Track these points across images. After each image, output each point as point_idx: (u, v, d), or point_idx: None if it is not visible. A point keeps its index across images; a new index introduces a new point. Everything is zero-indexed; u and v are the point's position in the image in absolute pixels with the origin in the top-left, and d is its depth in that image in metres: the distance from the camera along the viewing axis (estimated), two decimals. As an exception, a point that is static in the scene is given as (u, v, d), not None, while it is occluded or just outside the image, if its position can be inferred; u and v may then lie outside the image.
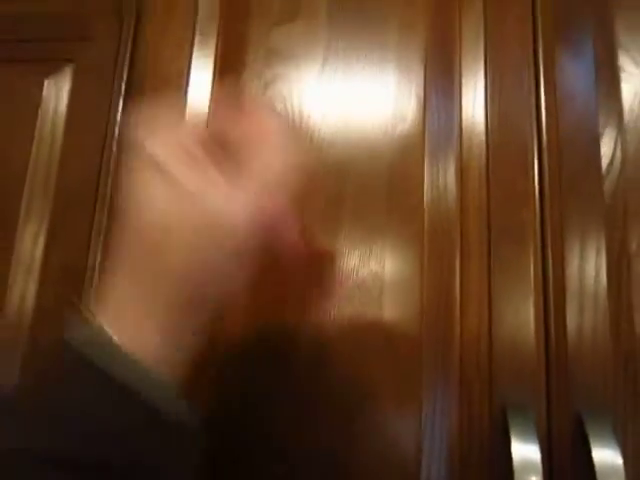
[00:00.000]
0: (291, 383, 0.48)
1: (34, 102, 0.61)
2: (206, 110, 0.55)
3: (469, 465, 0.44)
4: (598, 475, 0.39)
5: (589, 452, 0.40)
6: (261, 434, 0.47)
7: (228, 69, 0.56)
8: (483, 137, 0.50)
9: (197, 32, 0.57)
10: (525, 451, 0.40)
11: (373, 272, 0.49)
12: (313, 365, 0.48)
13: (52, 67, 0.63)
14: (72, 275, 0.57)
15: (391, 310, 0.48)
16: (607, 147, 0.49)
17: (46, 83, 0.62)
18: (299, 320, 0.49)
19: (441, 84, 0.53)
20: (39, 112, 0.61)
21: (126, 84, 0.61)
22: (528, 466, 0.40)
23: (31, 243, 0.59)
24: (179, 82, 0.56)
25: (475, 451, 0.45)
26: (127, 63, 0.61)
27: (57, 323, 0.53)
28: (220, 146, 0.33)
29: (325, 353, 0.48)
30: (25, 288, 0.58)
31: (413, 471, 0.45)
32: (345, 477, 0.45)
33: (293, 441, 0.47)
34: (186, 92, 0.55)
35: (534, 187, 0.49)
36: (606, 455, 0.40)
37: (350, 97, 0.54)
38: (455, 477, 0.44)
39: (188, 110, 0.55)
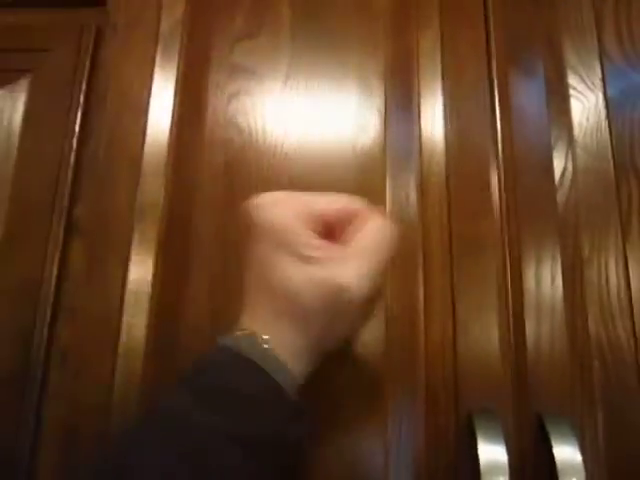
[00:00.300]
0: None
1: (-13, 112, 0.60)
2: (168, 126, 0.54)
3: (437, 473, 0.45)
4: (559, 472, 0.41)
5: (550, 451, 0.42)
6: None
7: (191, 84, 0.56)
8: (442, 153, 0.52)
9: (159, 47, 0.57)
10: (492, 453, 0.41)
11: None
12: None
13: (7, 77, 0.62)
14: (28, 288, 0.55)
15: None
16: (559, 161, 0.51)
17: (0, 93, 0.60)
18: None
19: (401, 101, 0.54)
20: (-8, 123, 0.60)
21: (85, 97, 0.60)
22: (495, 467, 0.41)
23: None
24: (140, 97, 0.55)
25: (442, 459, 0.45)
26: (87, 76, 0.61)
27: (14, 337, 0.52)
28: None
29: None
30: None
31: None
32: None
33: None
34: (147, 107, 0.55)
35: (492, 200, 0.51)
36: (566, 452, 0.42)
37: (312, 112, 0.55)
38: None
39: (149, 125, 0.54)
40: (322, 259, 0.36)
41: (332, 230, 0.39)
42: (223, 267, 0.51)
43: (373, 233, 0.38)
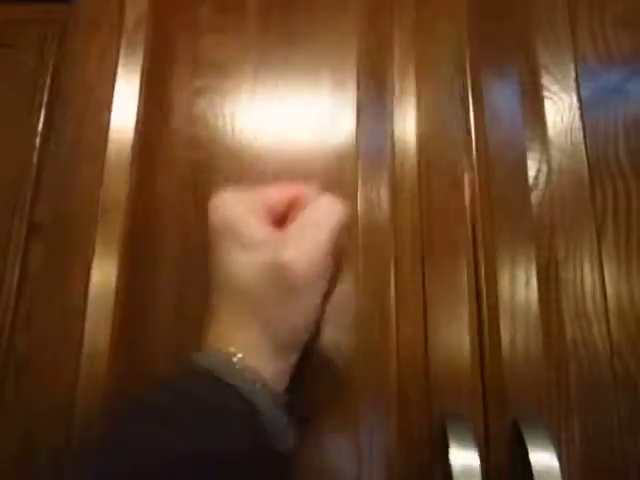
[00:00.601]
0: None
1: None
2: (132, 123, 0.53)
3: (409, 476, 0.43)
4: (535, 477, 0.39)
5: (526, 456, 0.41)
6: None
7: (155, 80, 0.54)
8: (415, 152, 0.51)
9: (123, 42, 0.55)
10: (464, 458, 0.40)
11: None
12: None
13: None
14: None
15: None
16: (533, 161, 0.50)
17: (-41, 92, 0.58)
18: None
19: (374, 98, 0.53)
20: (-48, 120, 0.57)
21: (49, 94, 0.58)
22: (468, 472, 0.39)
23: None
24: (104, 93, 0.53)
25: (415, 466, 0.44)
26: (50, 72, 0.59)
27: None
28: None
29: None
30: None
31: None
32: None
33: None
34: (111, 104, 0.53)
35: (465, 200, 0.50)
36: (543, 457, 0.40)
37: (283, 107, 0.54)
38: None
39: (113, 122, 0.52)
40: (264, 242, 0.37)
41: (282, 219, 0.40)
42: (189, 268, 0.49)
43: (313, 210, 0.38)
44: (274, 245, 0.36)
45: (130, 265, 0.49)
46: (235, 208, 0.38)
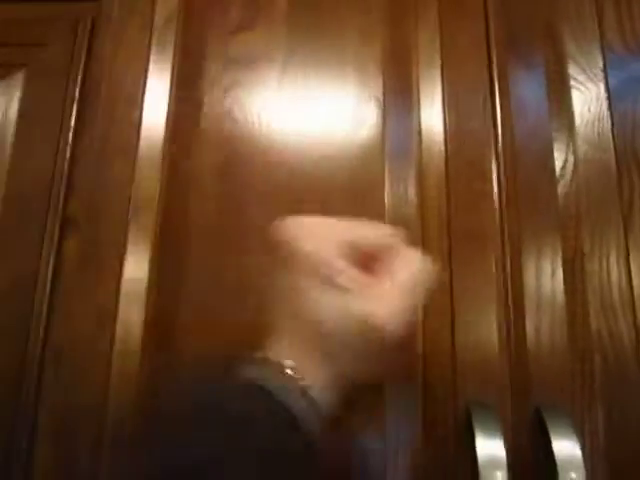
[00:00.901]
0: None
1: (-17, 107, 0.59)
2: (163, 120, 0.54)
3: (435, 468, 0.44)
4: (559, 466, 0.40)
5: (549, 445, 0.41)
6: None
7: (185, 77, 0.55)
8: (442, 144, 0.52)
9: (154, 40, 0.57)
10: (490, 448, 0.41)
11: None
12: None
13: (2, 72, 0.61)
14: (24, 285, 0.55)
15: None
16: (560, 152, 0.50)
17: (-4, 88, 0.60)
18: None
19: (400, 92, 0.54)
20: (-12, 118, 0.59)
21: (80, 91, 0.60)
22: (493, 462, 0.40)
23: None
24: (135, 90, 0.55)
25: (440, 454, 0.45)
26: (82, 69, 0.60)
27: (10, 334, 0.52)
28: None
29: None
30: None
31: (378, 474, 0.45)
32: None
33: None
34: (142, 100, 0.54)
35: (492, 192, 0.50)
36: (566, 447, 0.41)
37: (310, 104, 0.55)
38: (420, 475, 0.44)
39: (144, 118, 0.54)
40: (357, 291, 0.35)
41: (366, 261, 0.38)
42: (220, 264, 0.50)
43: (409, 269, 0.37)
44: (366, 296, 0.35)
45: (162, 262, 0.51)
46: (317, 240, 0.37)
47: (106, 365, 0.48)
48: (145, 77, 0.55)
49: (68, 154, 0.58)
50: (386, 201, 0.50)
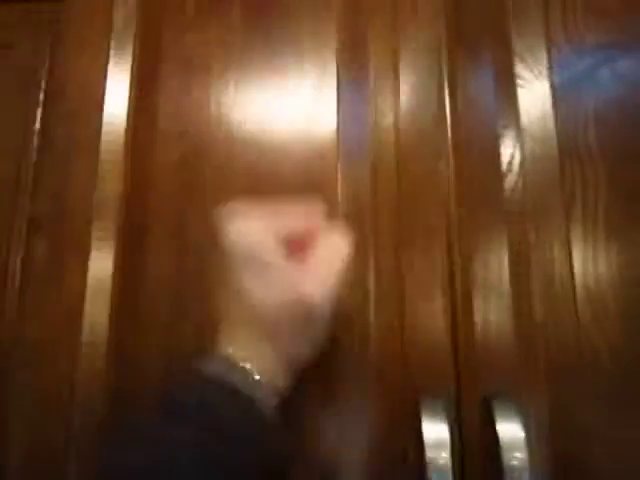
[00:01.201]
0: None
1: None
2: (124, 119, 0.55)
3: (387, 452, 0.47)
4: (502, 447, 0.42)
5: (495, 429, 0.44)
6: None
7: (145, 77, 0.57)
8: (393, 138, 0.53)
9: (113, 41, 0.58)
10: (436, 432, 0.43)
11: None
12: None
13: (-34, 76, 0.62)
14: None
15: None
16: (507, 148, 0.52)
17: (-38, 91, 0.61)
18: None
19: (354, 90, 0.55)
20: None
21: (45, 92, 0.61)
22: (438, 444, 0.43)
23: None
24: (96, 91, 0.56)
25: (393, 438, 0.47)
26: (46, 71, 0.61)
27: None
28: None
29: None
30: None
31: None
32: None
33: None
34: (103, 102, 0.56)
35: (441, 186, 0.52)
36: (510, 429, 0.43)
37: (266, 101, 0.56)
38: (374, 458, 0.47)
39: (105, 119, 0.55)
40: (285, 273, 0.39)
41: (295, 243, 0.41)
42: (180, 260, 0.52)
43: (327, 246, 0.41)
44: (295, 276, 0.39)
45: (125, 258, 0.52)
46: (255, 235, 0.40)
47: (74, 359, 0.50)
48: (105, 78, 0.56)
49: (34, 156, 0.59)
50: (340, 196, 0.52)
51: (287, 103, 0.56)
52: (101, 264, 0.52)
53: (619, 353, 0.47)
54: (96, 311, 0.51)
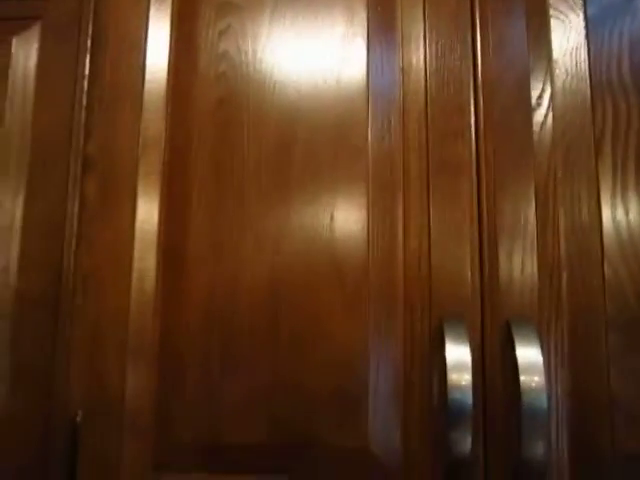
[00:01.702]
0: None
1: (4, 60, 0.64)
2: (165, 63, 0.58)
3: (412, 372, 0.50)
4: (520, 370, 0.45)
5: (515, 352, 0.46)
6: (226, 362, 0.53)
7: (184, 22, 0.59)
8: (422, 80, 0.55)
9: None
10: (457, 354, 0.46)
11: (324, 203, 0.54)
12: (268, 295, 0.53)
13: (21, 25, 0.66)
14: (53, 223, 0.61)
15: (341, 238, 0.53)
16: (537, 82, 0.52)
17: (14, 41, 0.65)
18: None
19: (383, 30, 0.56)
20: (9, 70, 0.64)
21: (92, 40, 0.64)
22: (460, 365, 0.45)
23: (12, 197, 0.63)
24: (138, 37, 0.59)
25: (417, 360, 0.50)
26: (91, 19, 0.64)
27: (42, 271, 0.59)
28: None
29: (278, 284, 0.54)
30: (9, 239, 0.62)
31: (363, 378, 0.51)
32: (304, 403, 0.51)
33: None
34: (145, 46, 0.59)
35: (469, 123, 0.53)
36: (529, 354, 0.46)
37: (299, 45, 0.58)
38: (400, 381, 0.50)
39: (147, 64, 0.58)
40: None
41: None
42: (220, 198, 0.56)
43: None
44: None
45: (169, 193, 0.57)
46: None
47: (126, 286, 0.55)
48: (147, 23, 0.59)
49: (84, 101, 0.63)
50: (370, 135, 0.54)
51: (320, 46, 0.57)
52: (148, 198, 0.56)
53: (643, 285, 0.49)
54: (145, 240, 0.56)
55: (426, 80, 0.54)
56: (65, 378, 0.57)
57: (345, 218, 0.53)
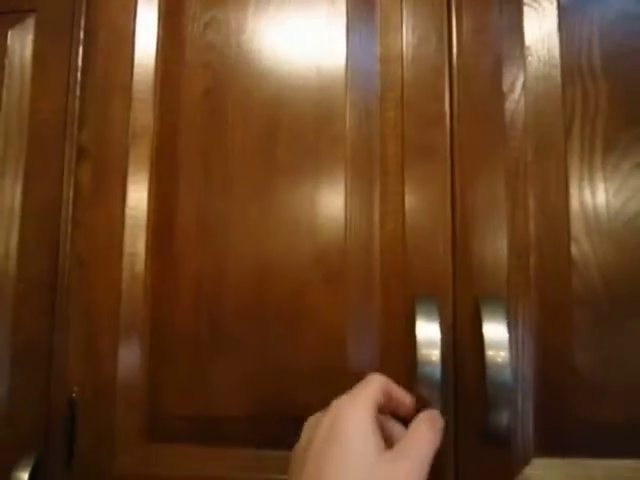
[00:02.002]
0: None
1: (0, 52, 0.67)
2: (153, 54, 0.61)
3: (388, 348, 0.53)
4: (486, 346, 0.47)
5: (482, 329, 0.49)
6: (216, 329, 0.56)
7: (171, 14, 0.62)
8: (399, 66, 0.56)
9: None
10: (427, 330, 0.48)
11: (306, 188, 0.57)
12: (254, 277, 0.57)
13: (17, 18, 0.68)
14: (50, 209, 0.64)
15: (321, 221, 0.56)
16: (510, 68, 0.54)
17: (10, 34, 0.67)
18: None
19: (363, 18, 0.58)
20: (6, 61, 0.67)
21: (85, 31, 0.66)
22: (430, 343, 0.48)
23: (11, 184, 0.66)
24: (127, 29, 0.62)
25: (393, 336, 0.53)
26: (84, 12, 0.66)
27: (40, 255, 0.62)
28: None
29: (263, 266, 0.56)
30: (10, 225, 0.65)
31: (342, 354, 0.54)
32: (289, 378, 0.54)
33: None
34: (134, 38, 0.61)
35: (445, 110, 0.55)
36: (496, 330, 0.48)
37: (283, 36, 0.60)
38: (377, 357, 0.53)
39: (136, 55, 0.61)
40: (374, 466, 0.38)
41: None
42: (207, 184, 0.59)
43: (417, 441, 0.41)
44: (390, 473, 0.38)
45: (159, 180, 0.60)
46: (362, 430, 0.40)
47: (118, 269, 0.59)
48: (135, 16, 0.61)
49: (78, 91, 0.65)
50: (348, 121, 0.57)
51: (301, 32, 0.59)
52: (138, 185, 0.59)
53: (607, 264, 0.51)
54: (135, 225, 0.59)
55: (402, 67, 0.56)
56: (63, 356, 0.60)
57: (325, 202, 0.56)
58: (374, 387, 0.43)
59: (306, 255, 0.55)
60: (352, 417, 0.40)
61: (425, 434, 0.41)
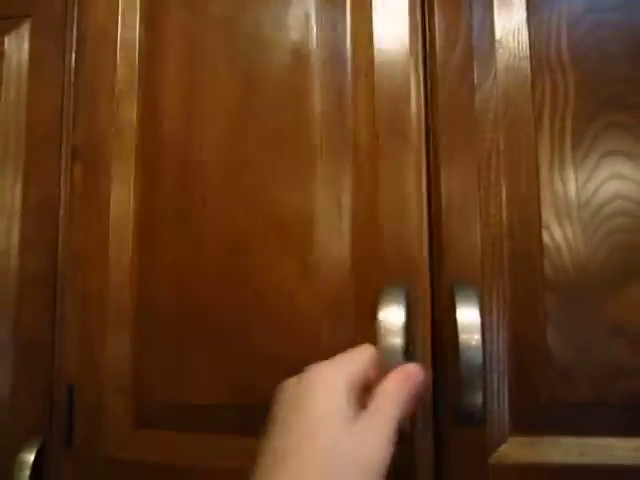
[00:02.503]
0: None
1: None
2: (135, 56, 0.65)
3: (361, 334, 0.55)
4: (459, 330, 0.49)
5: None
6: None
7: (153, 19, 0.65)
8: (371, 52, 0.58)
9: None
10: (392, 317, 0.49)
11: (272, 173, 0.60)
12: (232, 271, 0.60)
13: (13, 23, 0.71)
14: (48, 208, 0.68)
15: (291, 209, 0.59)
16: (481, 60, 0.56)
17: (7, 39, 0.70)
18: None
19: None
20: (3, 65, 0.70)
21: (78, 36, 0.69)
22: (393, 330, 0.48)
23: (11, 184, 0.69)
24: (111, 32, 0.66)
25: (365, 322, 0.55)
26: (76, 16, 0.69)
27: (39, 252, 0.65)
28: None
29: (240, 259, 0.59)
30: (10, 223, 0.68)
31: (317, 344, 0.56)
32: (266, 368, 0.57)
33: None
34: (116, 41, 0.65)
35: (419, 99, 0.57)
36: (469, 315, 0.50)
37: (256, 17, 0.62)
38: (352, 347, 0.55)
39: (118, 57, 0.65)
40: (351, 431, 0.37)
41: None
42: (188, 176, 0.62)
43: (392, 394, 0.40)
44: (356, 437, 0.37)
45: (142, 179, 0.64)
46: (333, 396, 0.38)
47: (106, 263, 0.63)
48: (117, 20, 0.65)
49: (72, 93, 0.68)
50: (320, 105, 0.59)
51: (275, 19, 0.61)
52: (124, 184, 0.64)
53: (578, 251, 0.52)
54: (121, 220, 0.63)
55: (373, 53, 0.58)
56: (62, 348, 0.63)
57: (297, 188, 0.59)
58: (361, 357, 0.42)
59: (278, 241, 0.58)
60: (324, 386, 0.39)
61: (391, 395, 0.39)
